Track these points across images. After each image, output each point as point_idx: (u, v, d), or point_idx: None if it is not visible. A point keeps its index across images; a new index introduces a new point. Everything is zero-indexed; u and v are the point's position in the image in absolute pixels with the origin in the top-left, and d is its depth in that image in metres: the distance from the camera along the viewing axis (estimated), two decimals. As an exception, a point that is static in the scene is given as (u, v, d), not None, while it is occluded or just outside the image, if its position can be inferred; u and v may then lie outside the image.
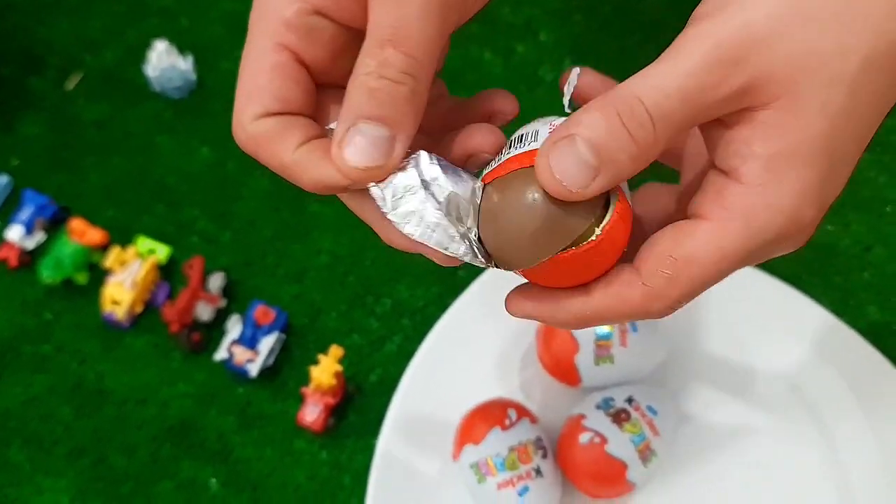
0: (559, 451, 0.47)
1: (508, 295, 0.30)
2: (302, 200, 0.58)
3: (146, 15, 0.65)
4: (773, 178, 0.26)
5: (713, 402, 0.50)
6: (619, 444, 0.45)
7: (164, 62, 0.60)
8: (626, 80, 0.27)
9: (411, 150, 0.29)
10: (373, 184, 0.28)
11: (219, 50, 0.63)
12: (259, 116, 0.29)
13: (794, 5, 0.26)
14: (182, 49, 0.62)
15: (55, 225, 0.58)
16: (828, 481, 0.48)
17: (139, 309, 0.55)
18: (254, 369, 0.52)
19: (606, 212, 0.27)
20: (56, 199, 0.59)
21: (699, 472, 0.49)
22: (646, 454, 0.45)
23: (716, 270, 0.27)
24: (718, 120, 0.27)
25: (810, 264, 0.54)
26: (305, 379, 0.52)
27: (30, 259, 0.57)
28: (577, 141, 0.26)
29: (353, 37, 0.29)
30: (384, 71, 0.27)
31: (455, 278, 0.56)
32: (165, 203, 0.59)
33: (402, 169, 0.28)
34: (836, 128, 0.26)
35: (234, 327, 0.53)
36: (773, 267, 0.53)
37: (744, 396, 0.50)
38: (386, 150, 0.27)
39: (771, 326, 0.51)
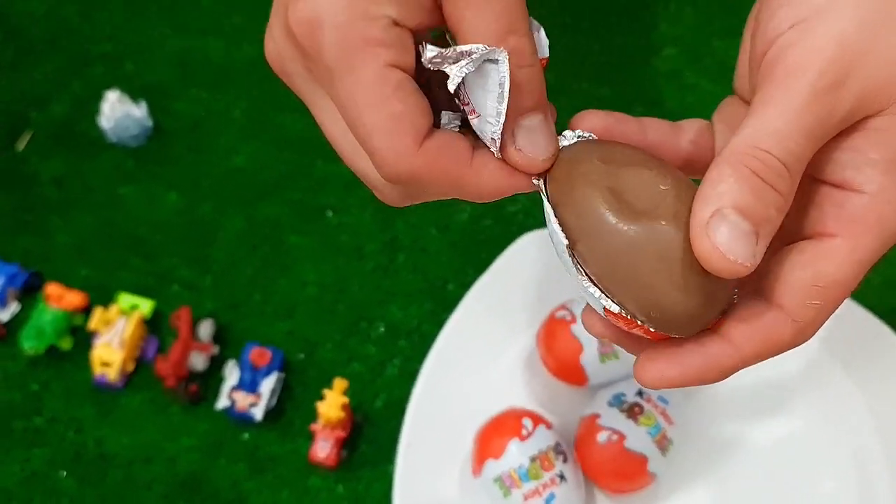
0: (578, 452, 0.47)
1: (640, 364, 0.28)
2: (279, 234, 0.58)
3: (88, 63, 0.63)
4: (892, 182, 0.26)
5: (719, 385, 0.50)
6: (637, 438, 0.45)
7: (118, 111, 0.59)
8: (738, 134, 0.26)
9: None
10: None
11: (171, 91, 0.62)
12: (420, 142, 0.27)
13: (880, 9, 0.25)
14: (134, 96, 0.60)
15: (29, 293, 0.56)
16: (842, 448, 0.49)
17: (130, 367, 0.54)
18: (258, 413, 0.51)
19: None
20: (25, 265, 0.57)
21: (715, 453, 0.49)
22: (663, 444, 0.46)
23: (856, 283, 0.27)
24: None
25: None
26: (311, 415, 0.52)
27: (5, 332, 0.55)
28: (727, 214, 0.25)
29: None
30: (521, 58, 0.27)
31: (445, 293, 0.56)
32: (140, 255, 0.58)
33: None
34: None
35: (232, 373, 0.52)
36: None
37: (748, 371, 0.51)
38: (550, 135, 0.28)
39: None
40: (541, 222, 0.51)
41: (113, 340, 0.53)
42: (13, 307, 0.56)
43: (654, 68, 0.62)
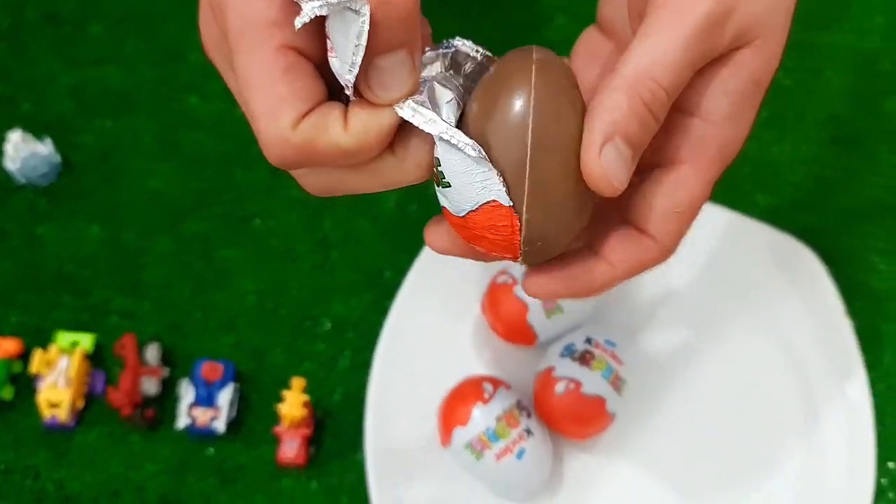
0: (538, 406, 0.49)
1: (528, 278, 0.32)
2: (210, 249, 0.58)
3: (-18, 111, 0.62)
4: (738, 111, 0.29)
5: (659, 321, 0.53)
6: (592, 382, 0.48)
7: (23, 151, 0.58)
8: (632, 61, 0.28)
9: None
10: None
11: (74, 125, 0.61)
12: (297, 123, 0.27)
13: None
14: (37, 134, 0.59)
15: (-41, 348, 0.55)
16: (781, 362, 0.53)
17: (80, 404, 0.53)
18: (220, 426, 0.51)
19: None
20: (-50, 321, 0.55)
21: (665, 385, 0.52)
22: (617, 384, 0.48)
23: (706, 200, 0.31)
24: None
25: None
26: (271, 420, 0.52)
27: (-58, 391, 0.54)
28: (617, 142, 0.28)
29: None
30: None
31: (383, 280, 0.57)
32: (71, 292, 0.57)
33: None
34: (779, 57, 0.30)
35: (187, 391, 0.52)
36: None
37: (683, 306, 0.54)
38: (412, 72, 0.27)
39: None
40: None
41: (58, 380, 0.52)
42: (-55, 365, 0.54)
43: (547, 39, 0.64)
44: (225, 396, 0.52)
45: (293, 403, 0.51)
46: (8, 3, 0.65)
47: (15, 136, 0.58)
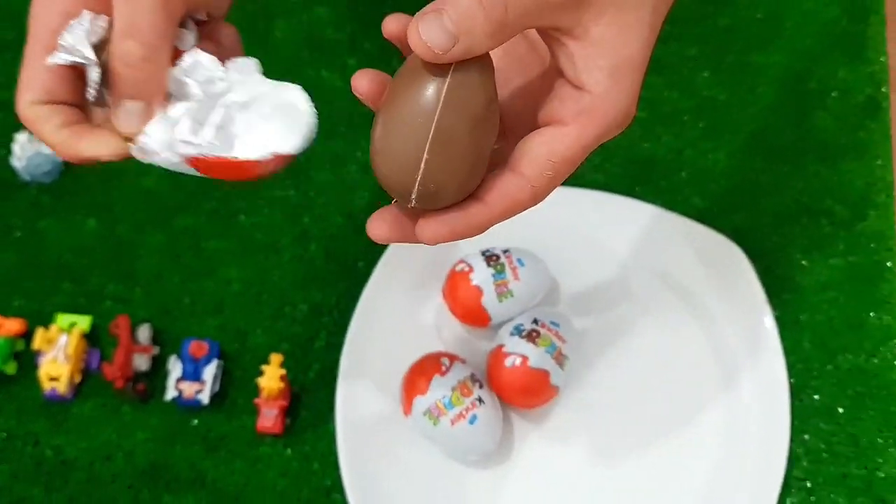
0: (490, 379, 0.55)
1: (420, 224, 0.36)
2: (199, 242, 0.63)
3: (-10, 113, 0.68)
4: (614, 84, 0.34)
5: (599, 305, 0.59)
6: (538, 357, 0.54)
7: (28, 151, 0.64)
8: None
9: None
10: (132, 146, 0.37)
11: (74, 129, 0.67)
12: (32, 103, 0.37)
13: None
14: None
15: (-33, 328, 0.60)
16: (707, 344, 0.59)
17: (77, 378, 0.58)
18: (205, 398, 0.57)
19: None
20: (-41, 304, 0.61)
21: (603, 363, 0.58)
22: (560, 360, 0.54)
23: (579, 161, 0.35)
24: (562, 41, 0.34)
25: (638, 176, 0.65)
26: (252, 394, 0.58)
27: (-49, 365, 0.59)
28: (443, 15, 0.32)
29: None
30: (128, 59, 0.36)
31: (356, 271, 0.62)
32: (69, 280, 0.62)
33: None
34: (649, 39, 0.35)
35: (175, 367, 0.58)
36: (609, 185, 0.64)
37: (623, 295, 0.60)
38: (144, 117, 0.37)
39: (625, 233, 0.61)
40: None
41: (58, 356, 0.58)
42: (-46, 343, 0.59)
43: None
44: (210, 371, 0.58)
45: (271, 377, 0.56)
46: (12, 16, 0.71)
47: (22, 137, 0.64)
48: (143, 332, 0.59)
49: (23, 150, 0.64)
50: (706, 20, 0.71)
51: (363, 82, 0.38)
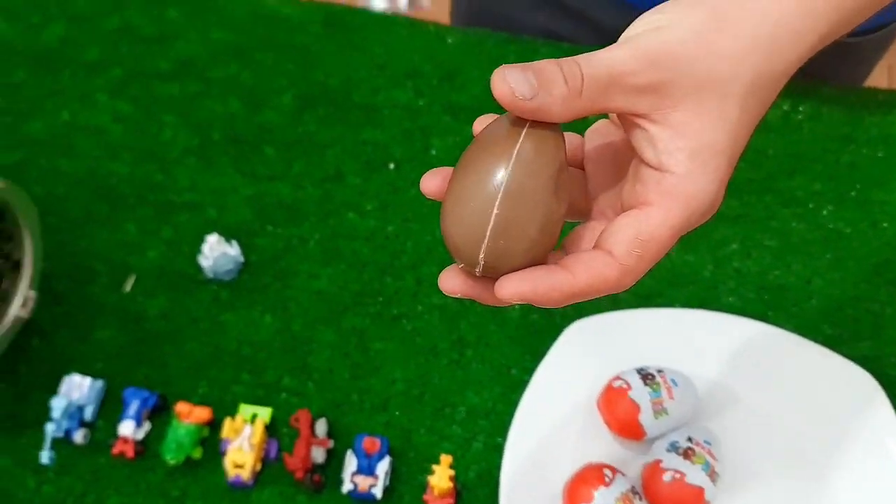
0: (647, 492, 0.59)
1: (501, 281, 0.35)
2: (365, 342, 0.69)
3: (174, 212, 0.75)
4: (697, 167, 0.35)
5: (740, 426, 0.64)
6: (694, 474, 0.58)
7: (216, 251, 0.70)
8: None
9: None
10: None
11: (250, 230, 0.74)
12: None
13: (705, 36, 0.35)
14: (226, 237, 0.72)
15: (156, 413, 0.66)
16: (836, 461, 0.63)
17: (258, 467, 0.64)
18: (378, 492, 0.62)
19: None
20: (150, 389, 0.67)
21: (749, 480, 0.63)
22: (713, 477, 0.59)
23: (669, 244, 0.35)
24: (641, 126, 0.35)
25: (771, 302, 0.70)
26: (417, 489, 0.63)
27: (143, 448, 0.65)
28: (528, 70, 0.34)
29: None
30: None
31: (510, 377, 0.68)
32: (248, 371, 0.68)
33: None
34: (734, 132, 0.35)
35: (351, 461, 0.63)
36: (744, 309, 0.69)
37: (760, 415, 0.65)
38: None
39: (759, 356, 0.66)
40: (581, 311, 0.64)
41: (243, 445, 0.63)
42: (146, 426, 0.65)
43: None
44: (382, 467, 0.63)
45: (441, 476, 0.61)
46: (197, 126, 0.78)
47: (212, 239, 0.70)
48: (321, 426, 0.65)
49: (211, 251, 0.70)
50: (830, 156, 0.76)
51: (436, 181, 0.37)
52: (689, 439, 0.60)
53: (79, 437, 0.64)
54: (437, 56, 0.80)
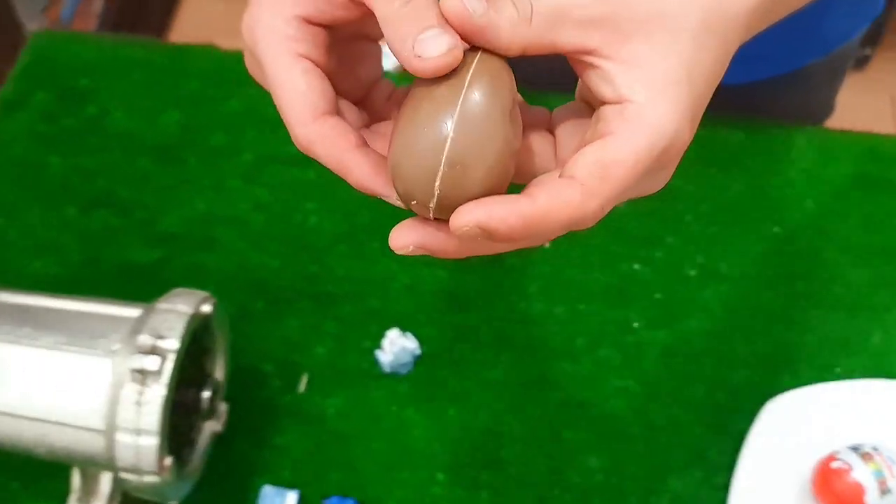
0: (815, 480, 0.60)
1: (455, 213, 0.33)
2: (555, 431, 0.68)
3: (335, 304, 0.72)
4: (657, 94, 0.34)
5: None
6: (862, 472, 0.59)
7: (396, 346, 0.68)
8: None
9: None
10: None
11: (414, 319, 0.72)
12: (316, 117, 0.35)
13: None
14: (402, 329, 0.70)
15: (355, 520, 0.63)
16: None
17: (475, 571, 0.62)
18: (606, 591, 0.61)
19: None
20: (343, 495, 0.64)
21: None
22: (882, 487, 0.59)
23: (633, 171, 0.34)
24: (594, 64, 0.35)
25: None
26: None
27: (349, 558, 0.62)
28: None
29: (334, 37, 0.37)
30: None
31: (708, 461, 0.67)
32: (441, 470, 0.66)
33: None
34: (689, 65, 0.35)
35: (573, 560, 0.61)
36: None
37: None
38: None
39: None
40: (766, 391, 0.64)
41: (458, 550, 0.61)
42: (350, 536, 0.63)
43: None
44: (606, 565, 0.61)
45: (672, 572, 0.60)
46: (345, 212, 0.77)
47: (392, 333, 0.69)
48: (533, 525, 0.63)
49: (391, 345, 0.68)
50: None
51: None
52: (875, 448, 0.60)
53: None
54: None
